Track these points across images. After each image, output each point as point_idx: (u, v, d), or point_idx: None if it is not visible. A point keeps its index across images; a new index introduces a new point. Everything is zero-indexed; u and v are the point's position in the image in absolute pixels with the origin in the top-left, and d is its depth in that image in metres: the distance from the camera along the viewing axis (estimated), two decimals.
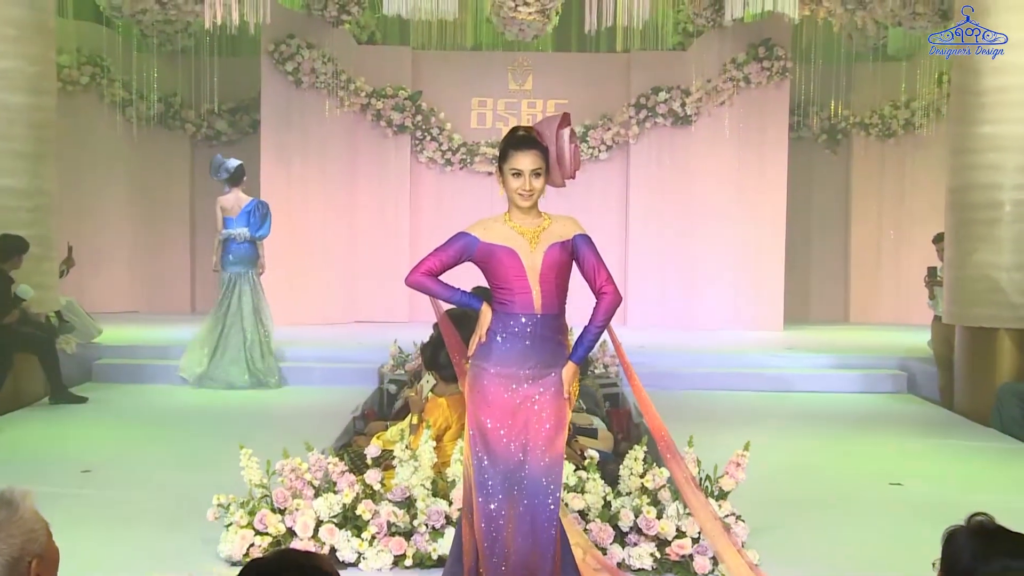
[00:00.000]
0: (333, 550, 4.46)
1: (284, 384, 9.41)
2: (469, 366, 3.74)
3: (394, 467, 4.69)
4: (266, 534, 4.50)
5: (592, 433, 6.23)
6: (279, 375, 9.42)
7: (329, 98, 12.43)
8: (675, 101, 12.69)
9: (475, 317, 3.72)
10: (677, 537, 4.47)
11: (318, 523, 4.50)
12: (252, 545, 4.47)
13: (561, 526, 3.70)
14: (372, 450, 4.87)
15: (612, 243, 12.43)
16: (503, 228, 3.67)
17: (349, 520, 4.51)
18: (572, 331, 3.89)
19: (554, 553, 3.61)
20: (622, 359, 4.00)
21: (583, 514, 4.53)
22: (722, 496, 4.64)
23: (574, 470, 4.69)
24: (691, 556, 4.45)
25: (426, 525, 4.47)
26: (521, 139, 3.67)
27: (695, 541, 4.45)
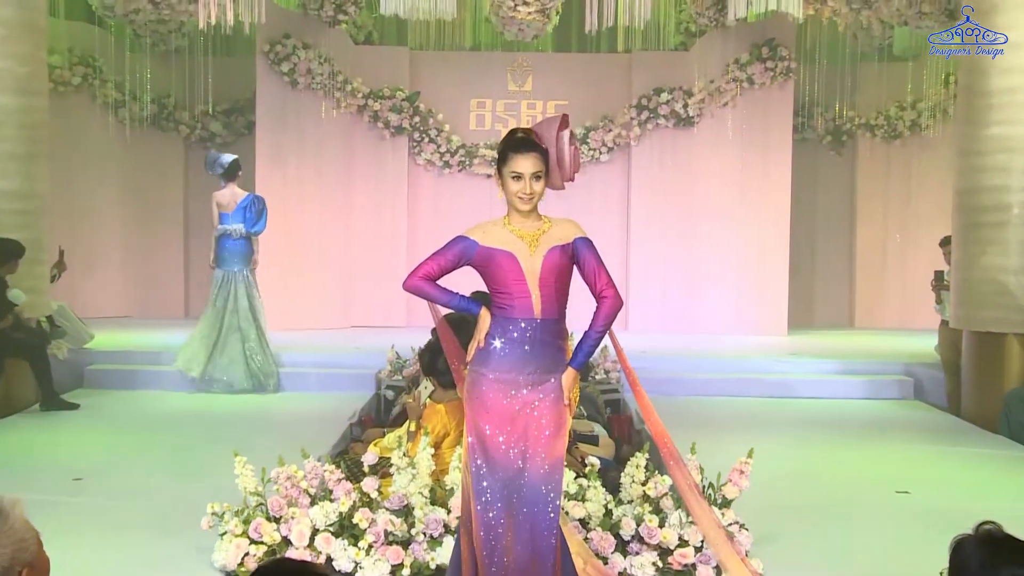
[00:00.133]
0: (329, 559, 4.46)
1: (281, 390, 9.40)
2: (467, 372, 3.74)
3: (391, 475, 4.69)
4: (261, 543, 4.49)
5: (593, 440, 6.23)
6: (277, 378, 9.42)
7: (325, 99, 12.43)
8: (677, 102, 12.70)
9: (474, 322, 3.72)
10: (680, 546, 4.47)
11: (314, 532, 4.50)
12: (247, 554, 4.47)
13: (561, 535, 3.70)
14: (369, 457, 4.87)
15: (613, 247, 12.43)
16: (502, 232, 3.68)
17: (346, 529, 4.50)
18: (572, 336, 3.89)
19: (554, 562, 3.61)
20: (624, 364, 4.00)
21: (584, 522, 4.53)
22: (725, 504, 4.64)
23: (574, 477, 4.68)
24: (694, 565, 4.45)
25: (424, 534, 4.47)
26: (521, 141, 3.67)
27: (698, 550, 4.45)
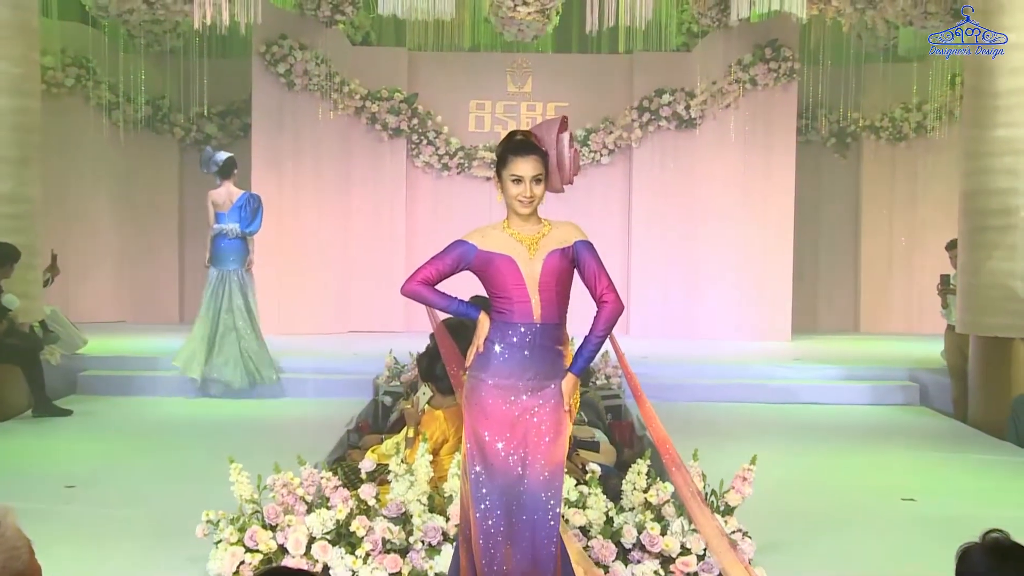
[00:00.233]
0: (326, 568, 4.46)
1: (282, 394, 9.43)
2: (466, 377, 3.74)
3: (389, 482, 4.69)
4: (257, 551, 4.49)
5: (594, 446, 6.22)
6: (276, 371, 9.45)
7: (322, 101, 12.44)
8: (679, 104, 12.71)
9: (473, 327, 3.72)
10: (682, 554, 4.47)
11: (311, 540, 4.50)
12: (242, 563, 4.47)
13: (561, 543, 3.70)
14: (367, 464, 4.87)
15: (614, 250, 12.44)
16: (501, 235, 3.68)
17: (343, 537, 4.50)
18: (573, 341, 3.89)
19: (554, 570, 3.61)
20: (625, 370, 4.00)
21: (584, 530, 4.53)
22: (728, 512, 4.64)
23: (575, 485, 4.68)
24: (696, 574, 4.45)
25: (422, 542, 4.46)
26: (521, 144, 3.67)
27: (700, 558, 4.45)
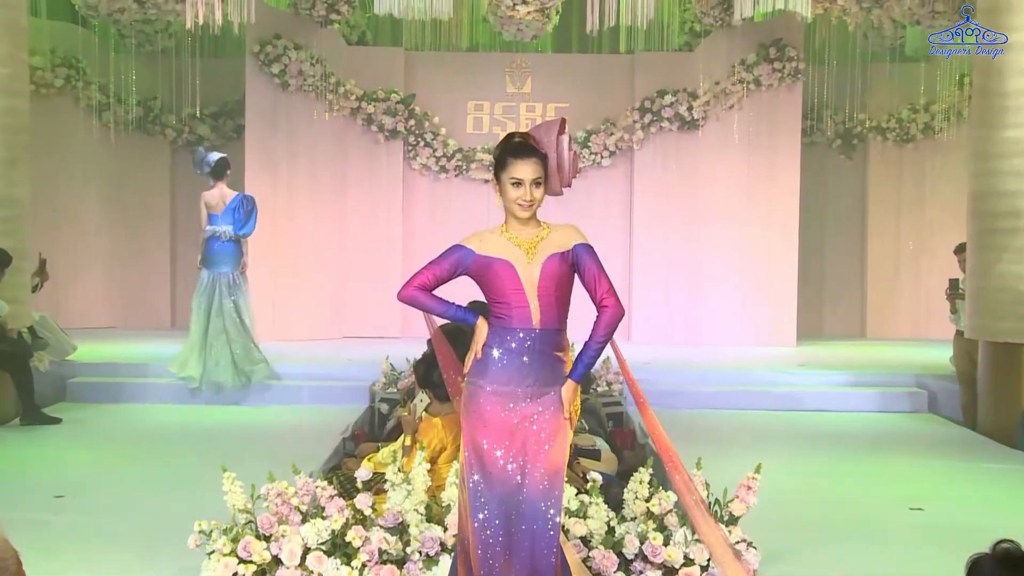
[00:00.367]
0: None
1: (275, 376, 9.59)
2: (464, 384, 3.74)
3: (386, 491, 4.68)
4: (250, 562, 4.49)
5: (595, 454, 6.23)
6: (267, 370, 9.52)
7: (317, 102, 12.45)
8: (681, 104, 12.72)
9: (471, 333, 3.72)
10: (685, 565, 4.46)
11: (305, 550, 4.49)
12: (235, 574, 4.46)
13: (562, 553, 3.70)
14: (363, 473, 4.87)
15: (615, 254, 12.44)
16: (499, 239, 3.68)
17: (338, 547, 4.50)
18: (573, 347, 3.89)
19: None
20: (627, 376, 4.00)
21: (585, 540, 4.53)
22: (732, 521, 4.63)
23: (575, 494, 4.68)
24: None
25: (420, 552, 4.46)
26: (520, 146, 3.67)
27: (704, 569, 4.45)
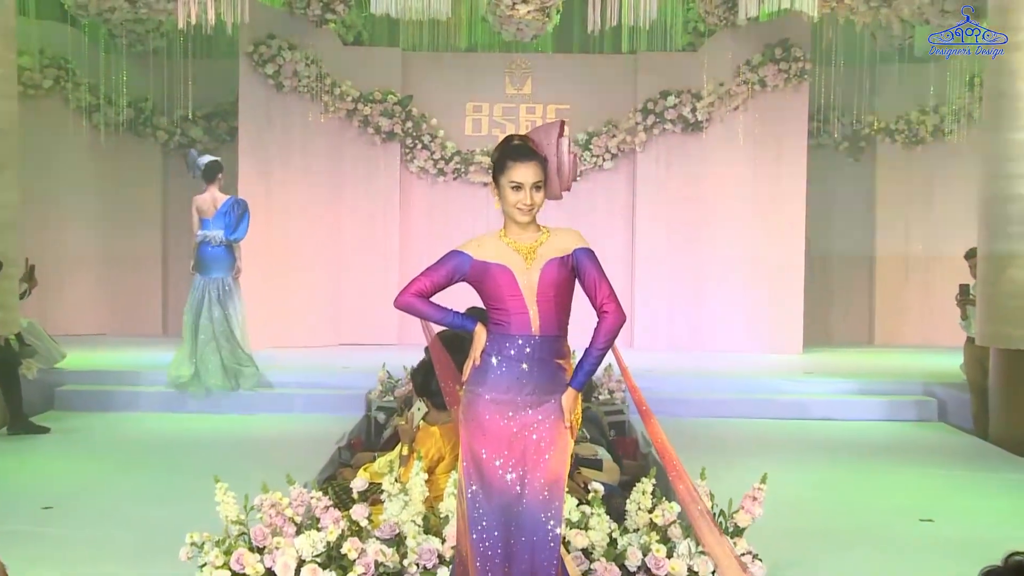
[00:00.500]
0: None
1: (266, 383, 9.63)
2: (463, 392, 3.75)
3: (382, 502, 4.69)
4: (244, 575, 4.49)
5: (596, 464, 6.23)
6: (256, 378, 9.56)
7: (313, 103, 12.46)
8: (685, 106, 12.73)
9: (469, 340, 3.73)
10: None
11: (300, 563, 4.49)
12: None
13: (562, 566, 3.70)
14: (359, 483, 4.87)
15: (617, 259, 12.44)
16: (498, 244, 3.69)
17: (334, 560, 4.50)
18: (575, 354, 3.90)
19: None
20: (629, 384, 4.01)
21: (587, 553, 4.53)
22: (737, 533, 4.64)
23: (577, 504, 4.68)
24: None
25: (417, 565, 4.46)
26: (520, 149, 3.67)
27: None
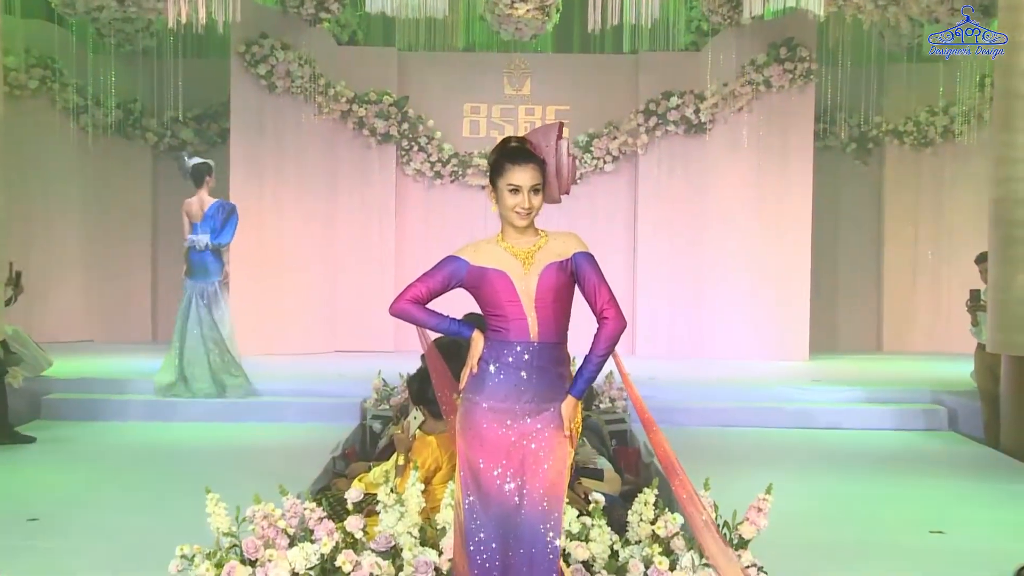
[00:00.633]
0: None
1: (254, 393, 9.62)
2: (460, 400, 3.75)
3: (378, 513, 4.68)
4: None
5: (598, 474, 6.23)
6: (245, 387, 9.58)
7: (306, 104, 12.47)
8: (688, 107, 12.75)
9: (466, 347, 3.73)
10: None
11: None
12: None
13: None
14: (353, 494, 4.86)
15: (618, 264, 12.46)
16: (495, 249, 3.69)
17: (328, 572, 4.49)
18: (575, 361, 3.90)
19: None
20: (630, 392, 4.01)
21: (587, 565, 4.52)
22: (742, 545, 4.63)
23: (577, 515, 4.68)
24: None
25: None
26: (518, 152, 3.68)
27: None
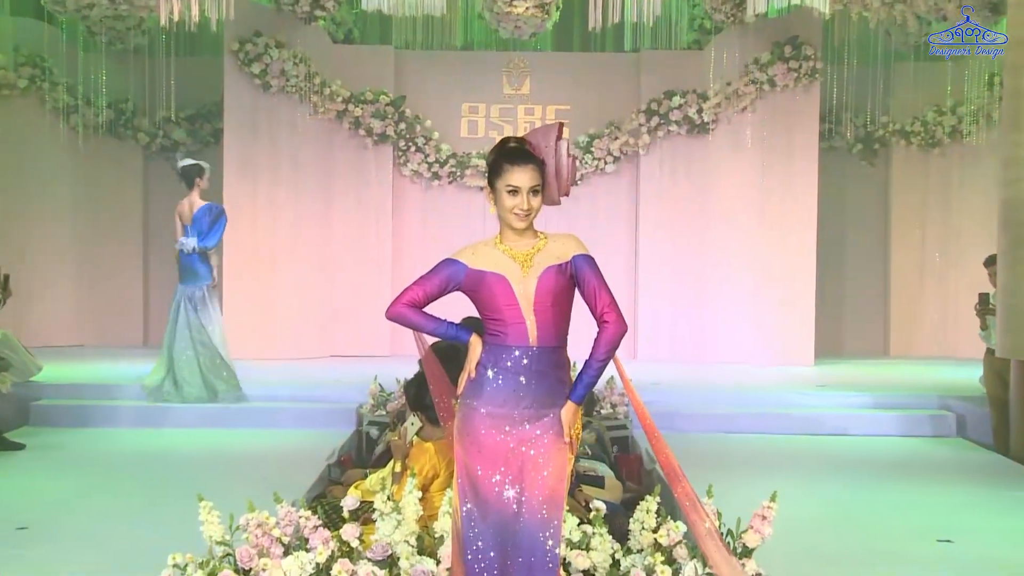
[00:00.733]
0: None
1: (245, 400, 9.63)
2: (458, 406, 3.74)
3: (374, 521, 4.68)
4: None
5: (598, 481, 6.22)
6: (236, 391, 9.59)
7: (301, 104, 12.48)
8: (690, 106, 12.76)
9: (464, 351, 3.73)
10: None
11: None
12: None
13: None
14: (349, 501, 4.86)
15: (619, 267, 12.46)
16: (493, 252, 3.69)
17: None
18: (575, 366, 3.90)
19: None
20: (632, 397, 4.01)
21: (588, 574, 4.52)
22: (746, 553, 4.63)
23: (577, 524, 4.68)
24: None
25: None
26: (517, 152, 3.67)
27: None
